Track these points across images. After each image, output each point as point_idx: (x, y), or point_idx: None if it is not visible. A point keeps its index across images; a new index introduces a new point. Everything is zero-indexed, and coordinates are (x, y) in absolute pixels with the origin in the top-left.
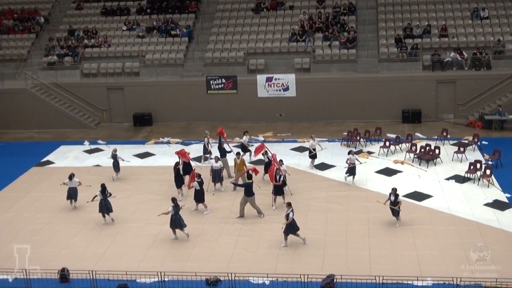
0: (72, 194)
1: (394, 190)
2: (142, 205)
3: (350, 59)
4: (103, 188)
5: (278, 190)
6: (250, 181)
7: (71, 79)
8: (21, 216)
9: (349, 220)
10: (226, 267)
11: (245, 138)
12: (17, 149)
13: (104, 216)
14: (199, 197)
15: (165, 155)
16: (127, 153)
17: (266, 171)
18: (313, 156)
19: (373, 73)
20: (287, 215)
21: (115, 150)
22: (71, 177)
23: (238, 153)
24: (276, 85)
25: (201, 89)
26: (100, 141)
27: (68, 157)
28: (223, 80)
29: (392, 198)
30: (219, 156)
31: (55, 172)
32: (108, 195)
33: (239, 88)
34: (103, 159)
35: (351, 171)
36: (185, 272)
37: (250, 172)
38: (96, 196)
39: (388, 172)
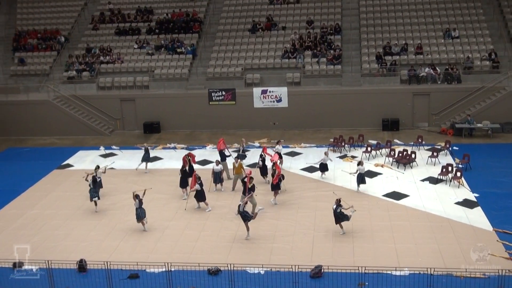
0: (98, 184)
1: (337, 201)
2: (151, 203)
3: (336, 74)
4: (138, 197)
5: (274, 186)
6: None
7: (88, 92)
8: (44, 213)
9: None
10: (226, 259)
11: (278, 147)
12: (40, 153)
13: (96, 204)
14: (200, 196)
15: (171, 159)
16: (138, 158)
17: (262, 174)
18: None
19: (356, 86)
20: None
21: (142, 145)
22: (98, 167)
23: (237, 157)
24: (270, 97)
25: (203, 100)
26: (114, 147)
27: (85, 161)
28: (223, 93)
29: (334, 206)
30: (219, 160)
31: (74, 174)
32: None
33: (237, 99)
34: (117, 162)
35: (323, 167)
36: (189, 263)
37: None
38: (88, 175)
39: (369, 174)
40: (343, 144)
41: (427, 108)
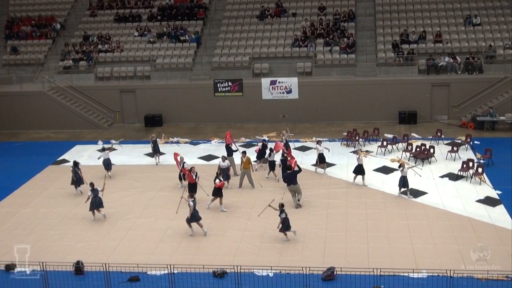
0: (106, 165)
1: (281, 205)
2: (153, 201)
3: (350, 63)
4: (92, 186)
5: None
6: (291, 171)
7: (86, 82)
8: (38, 212)
9: (348, 216)
10: (232, 260)
11: (318, 147)
12: (34, 148)
13: (94, 213)
14: (193, 189)
15: None
16: (138, 152)
17: (271, 169)
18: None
19: (371, 76)
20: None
21: (152, 137)
22: (103, 149)
23: (244, 152)
24: (280, 88)
25: (208, 91)
26: (113, 141)
27: (82, 156)
28: (230, 83)
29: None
30: (226, 156)
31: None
32: (97, 192)
33: (244, 90)
34: (116, 157)
35: (321, 159)
36: (193, 265)
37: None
38: (89, 196)
39: (385, 170)
40: (357, 138)
41: (446, 100)
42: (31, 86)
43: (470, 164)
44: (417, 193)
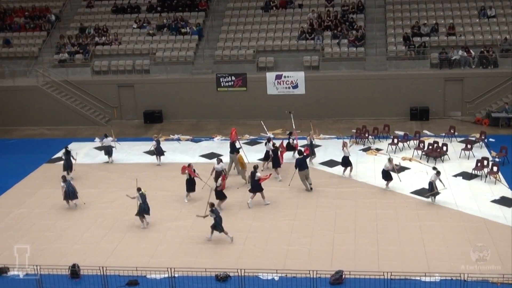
0: (108, 151)
1: (210, 204)
2: (152, 201)
3: (359, 57)
4: (64, 178)
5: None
6: (301, 156)
7: (82, 77)
8: (32, 212)
9: (357, 216)
10: (236, 263)
11: (345, 149)
12: (28, 145)
13: (68, 203)
14: (191, 187)
15: (175, 152)
16: (137, 150)
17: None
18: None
19: (381, 71)
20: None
21: (155, 137)
22: (106, 135)
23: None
24: (285, 82)
25: (211, 86)
26: (110, 138)
27: (79, 154)
28: (233, 78)
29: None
30: (221, 159)
31: (62, 158)
32: (73, 158)
33: (248, 85)
34: (114, 155)
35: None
36: (195, 268)
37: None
38: (62, 187)
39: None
40: (366, 135)
41: (460, 95)
42: (24, 81)
43: (485, 162)
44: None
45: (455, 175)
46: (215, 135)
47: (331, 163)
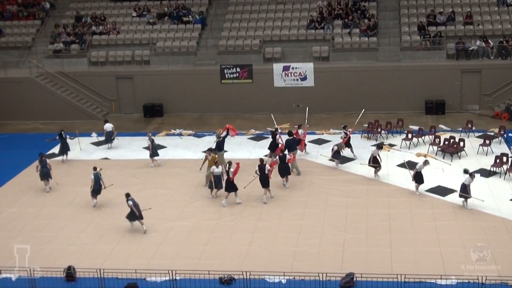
0: (108, 139)
1: (126, 195)
2: (153, 200)
3: (371, 47)
4: (40, 156)
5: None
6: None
7: (78, 68)
8: (25, 212)
9: (369, 216)
10: (241, 265)
11: (374, 149)
12: (21, 141)
13: (45, 184)
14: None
15: (176, 148)
16: (137, 146)
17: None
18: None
19: (395, 62)
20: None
21: (149, 136)
22: (106, 121)
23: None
24: (294, 74)
25: (214, 78)
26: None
27: (75, 150)
28: (238, 69)
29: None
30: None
31: (61, 165)
32: (45, 163)
33: (254, 77)
34: (111, 151)
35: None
36: (197, 271)
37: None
38: (37, 166)
39: (410, 165)
40: (379, 130)
41: (478, 88)
42: (17, 72)
43: (504, 159)
44: (445, 191)
45: (473, 172)
46: (218, 130)
47: (342, 160)
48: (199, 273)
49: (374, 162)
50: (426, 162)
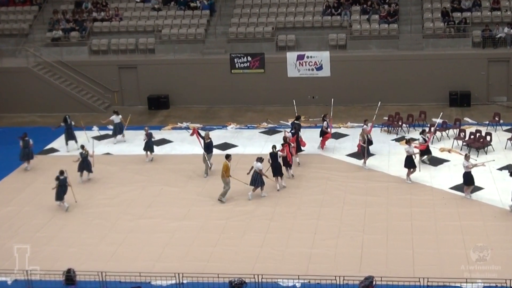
0: (117, 130)
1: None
2: (158, 198)
3: (391, 34)
4: (25, 135)
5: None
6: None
7: (78, 57)
8: (22, 211)
9: (389, 215)
10: (252, 268)
11: (408, 149)
12: (17, 135)
13: (27, 163)
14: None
15: (183, 142)
16: (140, 140)
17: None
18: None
19: (417, 50)
20: None
21: (146, 130)
22: (117, 113)
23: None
24: (308, 63)
25: (224, 68)
26: (111, 126)
27: (75, 144)
28: (249, 58)
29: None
30: (261, 156)
31: (60, 161)
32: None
33: (266, 67)
34: (114, 146)
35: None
36: (206, 274)
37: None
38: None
39: (433, 161)
40: (400, 123)
41: (505, 78)
42: (13, 61)
43: None
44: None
45: (500, 168)
46: (228, 123)
47: (359, 155)
48: (207, 276)
49: (409, 163)
50: (467, 157)
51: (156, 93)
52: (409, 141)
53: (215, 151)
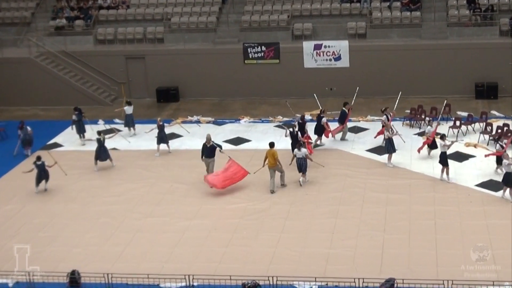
0: (130, 122)
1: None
2: (167, 195)
3: (414, 23)
4: (22, 123)
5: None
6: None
7: (83, 47)
8: (23, 209)
9: (412, 214)
10: (267, 270)
11: (441, 142)
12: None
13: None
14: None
15: (194, 137)
16: (149, 135)
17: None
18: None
19: (441, 39)
20: None
21: (160, 121)
22: (130, 103)
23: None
24: (326, 53)
25: (237, 58)
26: (117, 120)
27: (78, 139)
28: (263, 48)
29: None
30: (301, 142)
31: (64, 157)
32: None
33: (281, 57)
34: (121, 141)
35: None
36: (217, 276)
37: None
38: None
39: (458, 157)
40: (423, 117)
41: None
42: (14, 51)
43: None
44: (498, 186)
45: None
46: (241, 117)
47: (380, 150)
48: (219, 278)
49: (444, 159)
50: (443, 137)
51: (165, 85)
52: (443, 137)
53: (227, 146)
